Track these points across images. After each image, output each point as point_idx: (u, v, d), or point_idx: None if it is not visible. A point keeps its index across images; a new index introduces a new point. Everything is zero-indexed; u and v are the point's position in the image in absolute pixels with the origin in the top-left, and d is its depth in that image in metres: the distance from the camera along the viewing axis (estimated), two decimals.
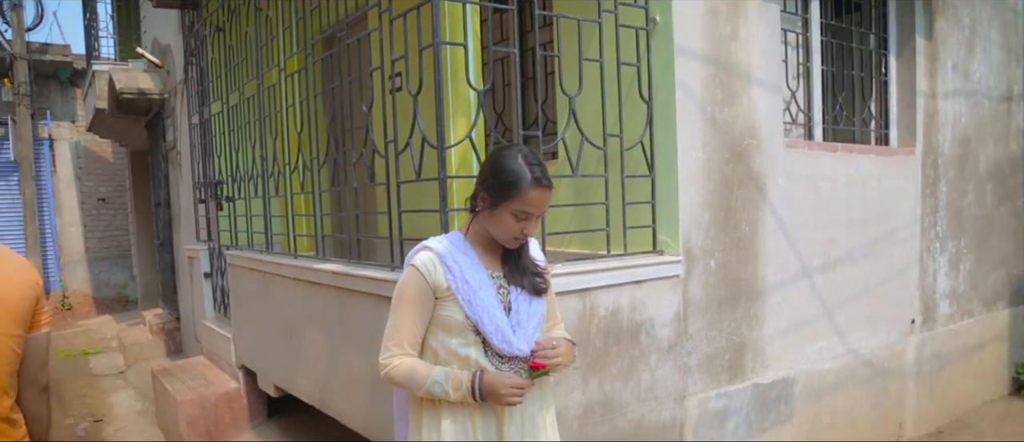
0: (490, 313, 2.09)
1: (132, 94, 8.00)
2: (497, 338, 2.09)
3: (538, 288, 2.20)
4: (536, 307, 2.18)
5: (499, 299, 2.13)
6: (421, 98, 2.97)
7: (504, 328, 2.10)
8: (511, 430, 2.15)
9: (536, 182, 2.04)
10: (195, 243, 6.61)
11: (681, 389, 3.33)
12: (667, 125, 3.23)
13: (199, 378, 5.65)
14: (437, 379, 2.07)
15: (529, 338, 2.13)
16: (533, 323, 2.15)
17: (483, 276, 2.13)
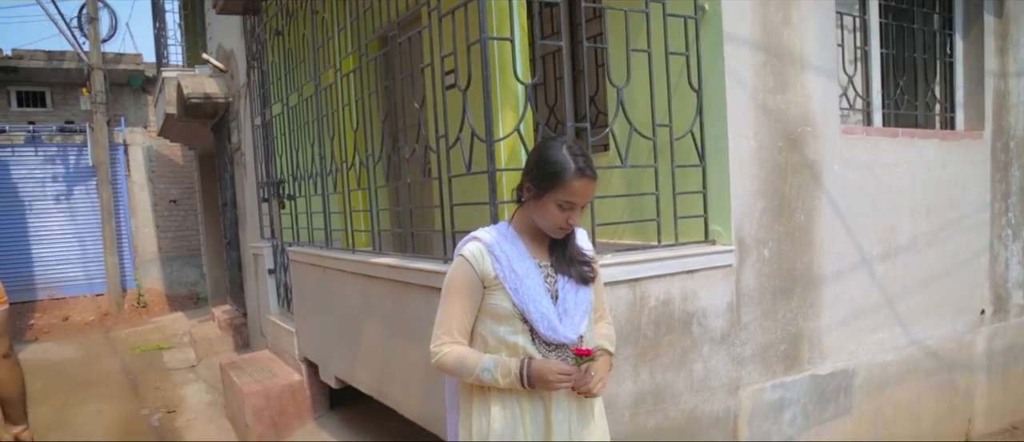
0: (536, 301, 2.13)
1: (198, 99, 8.28)
2: (543, 326, 2.12)
3: (585, 277, 2.22)
4: (583, 295, 2.20)
5: (546, 288, 2.17)
6: (470, 93, 3.02)
7: (550, 316, 2.13)
8: (558, 416, 2.18)
9: (580, 172, 2.06)
10: (259, 241, 6.81)
11: (735, 380, 3.30)
12: (717, 114, 3.21)
13: (264, 371, 5.83)
14: (486, 366, 2.12)
15: (576, 326, 2.16)
16: (580, 311, 2.18)
17: (530, 265, 2.17)
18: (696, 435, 3.22)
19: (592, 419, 2.26)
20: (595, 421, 2.28)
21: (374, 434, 4.89)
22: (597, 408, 2.30)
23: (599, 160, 3.81)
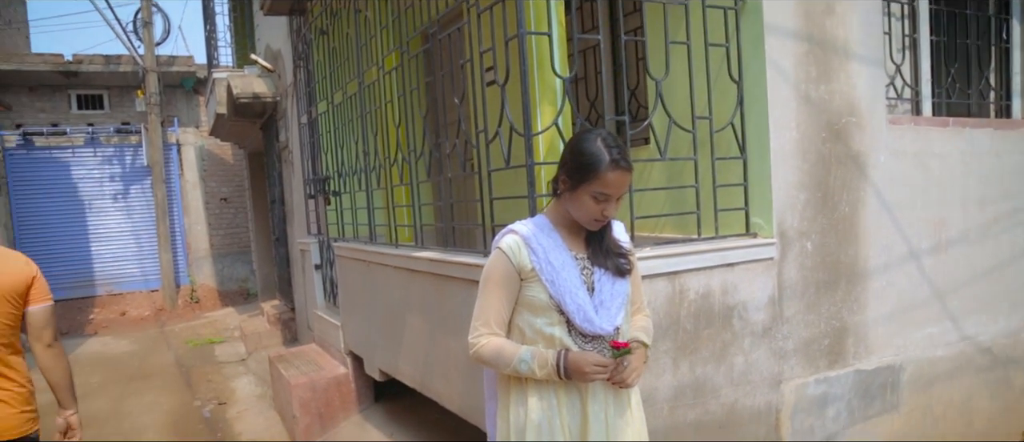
0: (572, 293, 2.14)
1: (248, 98, 8.46)
2: (579, 317, 2.14)
3: (621, 269, 2.22)
4: (620, 287, 2.21)
5: (582, 279, 2.18)
6: (508, 88, 3.05)
7: (586, 307, 2.14)
8: (595, 407, 2.20)
9: (614, 164, 2.06)
10: (306, 237, 6.94)
11: (777, 374, 3.26)
12: (758, 105, 3.18)
13: (311, 364, 5.95)
14: (523, 357, 2.14)
15: (612, 317, 2.17)
16: (616, 303, 2.19)
17: (566, 257, 2.18)
18: (737, 429, 3.20)
19: (628, 410, 2.27)
20: (632, 412, 2.28)
21: (417, 427, 4.95)
22: (634, 399, 2.31)
23: (639, 153, 3.82)
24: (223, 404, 7.03)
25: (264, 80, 8.59)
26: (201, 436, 6.06)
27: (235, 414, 6.66)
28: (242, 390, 7.53)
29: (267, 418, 6.36)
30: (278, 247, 10.18)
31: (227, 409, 6.85)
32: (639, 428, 2.31)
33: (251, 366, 8.51)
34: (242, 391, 7.48)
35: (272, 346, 8.77)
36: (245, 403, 6.99)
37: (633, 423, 2.28)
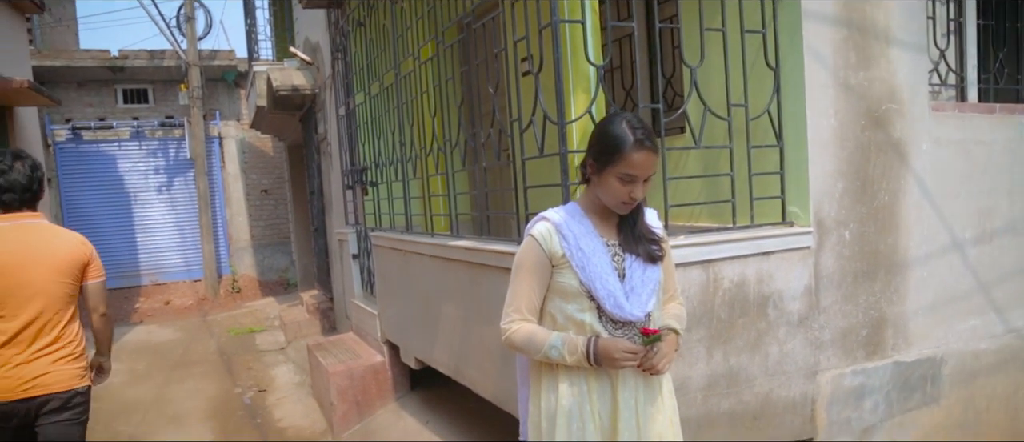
0: (603, 279, 2.14)
1: (287, 91, 8.58)
2: (610, 303, 2.14)
3: (653, 255, 2.22)
4: (651, 274, 2.20)
5: (613, 266, 2.18)
6: (542, 76, 3.05)
7: (617, 293, 2.14)
8: (625, 394, 2.20)
9: (638, 144, 2.07)
10: (344, 227, 7.03)
11: (813, 364, 3.23)
12: (795, 92, 3.14)
13: (348, 352, 6.03)
14: (554, 343, 2.15)
15: (643, 304, 2.17)
16: (647, 289, 2.19)
17: (597, 243, 2.19)
18: (771, 420, 3.17)
19: (660, 397, 2.27)
20: (663, 399, 2.28)
21: (452, 414, 5.00)
22: (665, 387, 2.31)
23: (673, 142, 3.79)
24: (263, 391, 7.16)
25: (303, 73, 8.71)
26: (242, 422, 6.18)
27: (274, 401, 6.79)
28: (281, 378, 7.66)
29: (305, 405, 6.47)
30: (317, 238, 10.31)
31: (267, 396, 6.98)
32: (670, 416, 2.31)
33: (290, 354, 8.65)
34: (281, 379, 7.61)
35: (311, 335, 8.90)
36: (284, 390, 7.12)
37: (664, 410, 2.28)
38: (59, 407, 3.14)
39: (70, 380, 3.18)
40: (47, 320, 3.13)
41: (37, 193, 3.25)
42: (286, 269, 15.19)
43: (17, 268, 3.08)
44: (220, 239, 14.79)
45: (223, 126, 14.76)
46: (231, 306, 13.38)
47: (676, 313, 2.36)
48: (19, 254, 3.10)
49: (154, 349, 9.69)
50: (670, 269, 2.37)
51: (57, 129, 13.66)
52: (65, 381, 3.15)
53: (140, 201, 14.51)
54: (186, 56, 13.55)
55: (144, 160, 14.48)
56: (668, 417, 2.29)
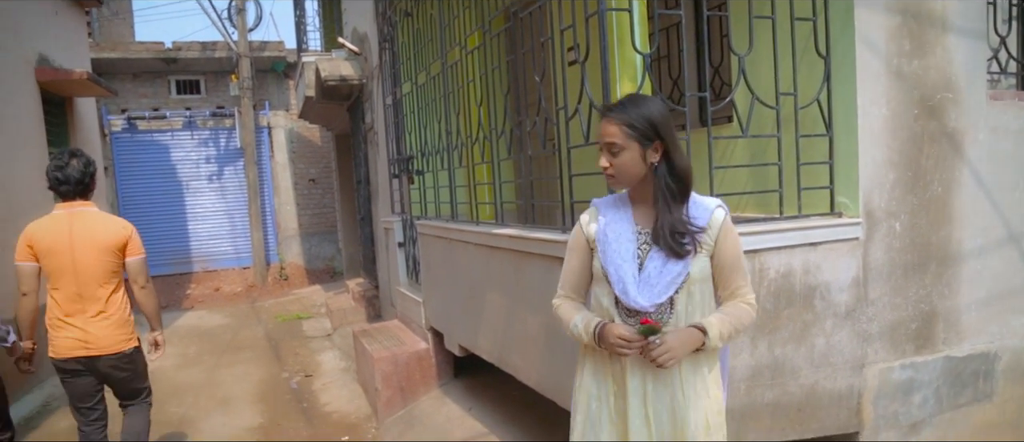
0: (616, 264, 2.19)
1: (335, 81, 8.71)
2: (618, 289, 2.19)
3: (674, 250, 2.15)
4: (671, 267, 2.15)
5: (637, 254, 2.20)
6: (588, 64, 3.06)
7: (626, 280, 2.17)
8: (633, 382, 2.23)
9: (602, 113, 2.20)
10: (390, 215, 7.11)
11: (860, 357, 3.19)
12: (846, 81, 3.09)
13: (393, 339, 6.12)
14: (576, 322, 2.28)
15: (655, 295, 2.15)
16: (664, 281, 2.15)
17: (627, 230, 2.23)
18: (816, 412, 3.14)
19: (675, 389, 2.21)
20: (681, 391, 2.21)
21: (495, 401, 5.04)
22: (687, 377, 2.22)
23: (721, 131, 3.77)
24: (309, 376, 7.30)
25: (351, 63, 8.82)
26: (289, 406, 6.31)
27: (320, 386, 6.92)
28: (327, 363, 7.80)
29: (351, 391, 6.58)
30: (363, 226, 10.45)
31: (313, 381, 7.11)
32: (696, 410, 2.22)
33: (336, 341, 8.80)
34: (327, 365, 7.75)
35: (356, 322, 9.03)
36: (330, 376, 7.25)
37: (684, 404, 2.21)
38: (113, 365, 3.85)
39: (118, 343, 3.84)
40: (93, 292, 3.78)
41: (89, 185, 3.88)
42: (332, 257, 15.42)
43: (67, 249, 3.74)
44: (268, 227, 15.07)
45: (272, 116, 15.02)
46: (279, 293, 13.63)
47: (729, 312, 2.23)
48: (69, 237, 3.75)
49: (204, 334, 9.93)
50: (729, 265, 2.24)
51: (113, 119, 14.06)
52: (113, 343, 3.83)
53: (192, 190, 14.86)
54: (237, 47, 13.81)
55: (196, 149, 14.81)
56: (690, 411, 2.21)
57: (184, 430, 5.76)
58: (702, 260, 2.19)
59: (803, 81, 3.15)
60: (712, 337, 2.15)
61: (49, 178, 3.82)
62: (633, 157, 2.14)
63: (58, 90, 8.81)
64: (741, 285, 2.26)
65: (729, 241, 2.23)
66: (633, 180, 2.19)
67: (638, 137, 2.12)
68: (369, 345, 5.96)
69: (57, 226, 3.78)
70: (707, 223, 2.20)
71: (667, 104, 3.12)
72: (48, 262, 3.76)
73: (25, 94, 7.98)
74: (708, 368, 2.25)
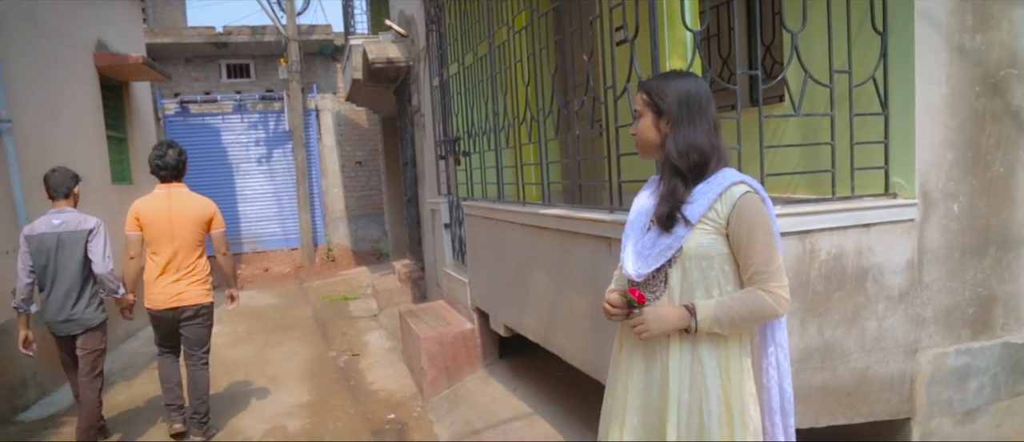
0: (627, 234, 2.33)
1: (382, 64, 8.78)
2: (622, 258, 2.31)
3: (663, 223, 2.18)
4: (662, 240, 2.18)
5: (645, 225, 2.28)
6: (637, 43, 3.04)
7: (626, 251, 2.30)
8: (627, 349, 2.36)
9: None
10: (437, 197, 7.17)
11: (913, 341, 3.12)
12: (904, 58, 3.01)
13: (439, 319, 6.18)
14: (610, 289, 2.41)
15: (639, 265, 2.24)
16: (653, 254, 2.20)
17: (648, 204, 2.31)
18: (867, 396, 3.09)
19: (661, 365, 2.24)
20: (667, 369, 2.22)
21: (539, 382, 5.07)
22: (675, 354, 2.21)
23: (772, 110, 3.71)
24: (356, 355, 7.42)
25: (398, 45, 8.88)
26: (336, 384, 6.43)
27: (367, 365, 7.03)
28: (374, 343, 7.92)
29: (396, 370, 6.68)
30: (409, 208, 10.55)
31: (360, 360, 7.23)
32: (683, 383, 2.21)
33: (382, 321, 8.92)
34: (374, 344, 7.87)
35: (402, 303, 9.14)
36: (376, 355, 7.36)
37: (666, 377, 2.22)
38: (193, 315, 4.85)
39: (199, 297, 4.86)
40: (184, 256, 4.78)
41: (181, 170, 4.85)
42: (379, 239, 15.61)
43: (164, 220, 4.73)
44: (316, 209, 15.30)
45: (320, 99, 15.22)
46: (326, 274, 13.86)
47: (734, 298, 2.13)
48: (168, 211, 4.75)
49: (254, 313, 10.16)
50: (743, 246, 2.12)
51: (167, 103, 14.39)
52: (196, 297, 4.84)
53: (241, 172, 15.15)
54: (285, 31, 14.00)
55: (245, 132, 15.09)
56: (682, 392, 2.20)
57: (236, 405, 5.92)
58: (703, 237, 2.13)
59: (858, 58, 3.08)
60: (701, 319, 2.11)
61: (151, 164, 4.77)
62: (647, 124, 2.22)
63: (115, 75, 9.06)
64: (761, 271, 2.11)
65: (743, 221, 2.10)
66: (650, 147, 2.25)
67: (652, 105, 2.20)
68: (415, 325, 6.04)
69: (158, 203, 4.76)
70: (717, 198, 2.13)
71: (717, 82, 3.09)
72: (149, 231, 4.74)
73: (84, 78, 8.22)
74: (730, 352, 2.19)
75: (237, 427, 5.40)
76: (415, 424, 5.27)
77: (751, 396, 2.21)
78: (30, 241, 4.58)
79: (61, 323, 4.60)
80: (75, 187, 4.74)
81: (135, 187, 9.53)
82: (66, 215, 4.62)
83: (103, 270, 4.60)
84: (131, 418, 5.72)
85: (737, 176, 2.15)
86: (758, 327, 2.27)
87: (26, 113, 6.62)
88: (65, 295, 4.57)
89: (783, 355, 2.29)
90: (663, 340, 2.22)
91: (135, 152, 9.79)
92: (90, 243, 4.61)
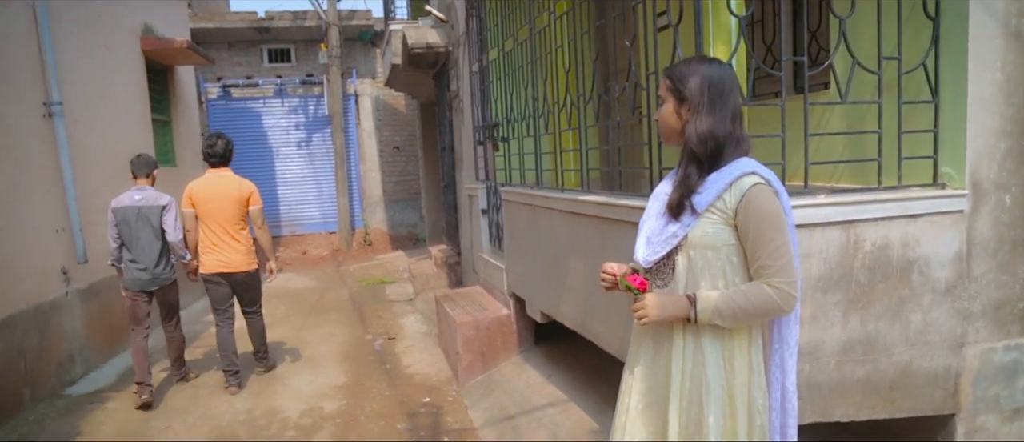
0: (643, 221, 2.33)
1: (421, 49, 8.81)
2: (636, 244, 2.31)
3: (673, 210, 2.18)
4: (670, 228, 2.18)
5: (661, 211, 2.26)
6: (681, 28, 3.00)
7: (639, 236, 2.31)
8: (636, 332, 2.38)
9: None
10: (474, 182, 7.18)
11: (959, 336, 3.05)
12: (957, 44, 2.92)
13: (475, 305, 6.21)
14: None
15: (649, 253, 2.24)
16: (660, 241, 2.21)
17: (665, 189, 2.30)
18: (910, 391, 3.04)
19: (666, 354, 2.25)
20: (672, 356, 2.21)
21: (574, 369, 5.07)
22: (679, 343, 2.20)
23: (817, 97, 3.64)
24: (392, 339, 7.49)
25: (437, 31, 8.90)
26: (372, 367, 6.50)
27: (403, 348, 7.09)
28: (409, 327, 7.99)
29: (432, 354, 6.73)
30: (446, 193, 10.59)
31: (396, 344, 7.30)
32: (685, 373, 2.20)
33: (418, 306, 8.99)
34: (409, 328, 7.94)
35: (438, 288, 9.20)
36: (412, 339, 7.42)
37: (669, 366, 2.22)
38: (240, 280, 5.85)
39: (245, 264, 5.81)
40: (228, 229, 5.70)
41: (228, 157, 5.82)
42: (415, 224, 15.72)
43: (212, 199, 5.68)
44: (354, 193, 15.45)
45: (359, 84, 15.33)
46: (363, 258, 14.00)
47: (738, 292, 2.09)
48: (214, 191, 5.70)
49: (292, 295, 10.31)
50: (750, 238, 2.09)
51: (209, 87, 14.62)
52: (241, 264, 5.79)
53: (282, 156, 15.35)
54: (326, 16, 14.11)
55: (286, 117, 15.27)
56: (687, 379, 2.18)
57: (273, 386, 6.02)
58: (709, 226, 2.11)
59: (908, 44, 3.01)
60: (701, 309, 2.09)
61: (203, 152, 5.77)
62: (669, 110, 2.21)
63: (160, 59, 9.22)
64: (766, 265, 2.07)
65: (751, 211, 2.06)
66: (672, 133, 2.23)
67: (675, 91, 2.18)
68: (451, 310, 6.07)
69: (208, 184, 5.73)
70: (726, 188, 2.09)
71: (762, 69, 3.05)
72: (201, 208, 5.69)
73: (131, 62, 8.38)
74: (736, 345, 2.17)
75: (275, 406, 5.50)
76: (450, 408, 5.31)
77: (760, 391, 2.18)
78: (116, 213, 5.54)
79: (145, 280, 5.57)
80: (154, 170, 5.75)
81: (178, 169, 9.70)
82: (145, 192, 5.62)
83: (174, 239, 5.64)
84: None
85: (750, 166, 2.11)
86: (767, 323, 2.23)
87: (76, 96, 6.78)
88: (146, 258, 5.57)
89: (788, 353, 2.24)
90: (668, 329, 2.22)
91: (179, 135, 9.97)
92: (164, 217, 5.60)
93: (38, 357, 5.80)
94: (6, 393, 5.33)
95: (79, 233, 6.48)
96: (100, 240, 6.62)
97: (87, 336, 6.65)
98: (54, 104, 6.25)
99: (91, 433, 5.13)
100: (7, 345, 5.40)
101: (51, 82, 6.23)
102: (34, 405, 5.66)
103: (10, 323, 5.46)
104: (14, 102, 5.79)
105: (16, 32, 5.89)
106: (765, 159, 2.24)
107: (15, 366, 5.48)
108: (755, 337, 2.19)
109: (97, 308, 6.88)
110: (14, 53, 5.83)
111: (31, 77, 6.07)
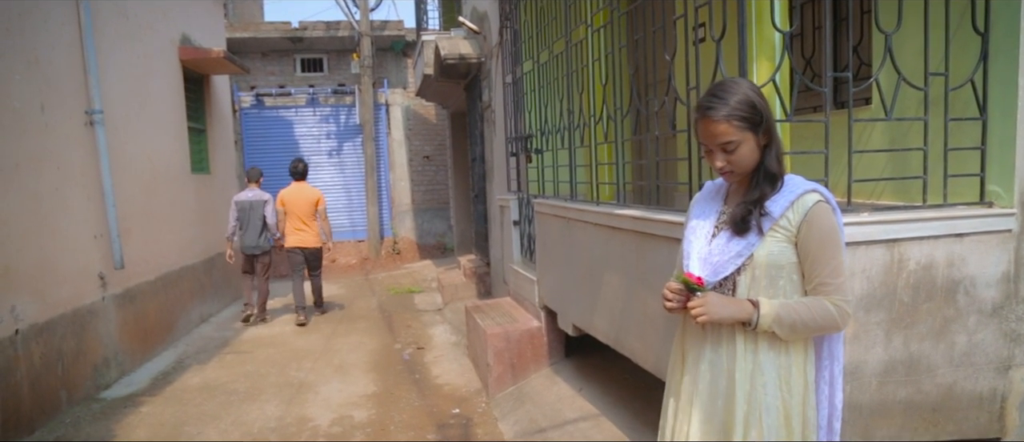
0: (689, 241, 2.28)
1: (454, 60, 8.85)
2: (686, 263, 2.24)
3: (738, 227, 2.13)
4: (734, 245, 2.13)
5: (711, 232, 2.22)
6: (724, 43, 2.98)
7: (690, 253, 2.24)
8: (686, 339, 2.34)
9: (696, 111, 2.10)
10: (506, 194, 7.19)
11: (1006, 358, 2.99)
12: (1007, 59, 2.87)
13: (506, 316, 6.20)
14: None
15: (712, 272, 2.16)
16: (724, 260, 2.14)
17: (710, 208, 2.29)
18: (953, 414, 2.97)
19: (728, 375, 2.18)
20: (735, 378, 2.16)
21: (606, 383, 5.03)
22: (728, 349, 2.17)
23: (859, 113, 3.60)
24: (421, 349, 7.50)
25: (470, 42, 8.93)
26: (401, 376, 6.51)
27: (432, 358, 7.10)
28: (438, 337, 7.99)
29: (461, 365, 6.73)
30: (476, 204, 10.61)
31: (425, 353, 7.31)
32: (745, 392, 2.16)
33: (447, 316, 9.00)
34: (438, 338, 7.94)
35: (467, 298, 9.21)
36: (441, 349, 7.43)
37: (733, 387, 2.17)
38: (311, 252, 9.01)
39: (313, 242, 8.96)
40: (304, 219, 8.85)
41: (305, 174, 9.00)
42: (444, 234, 15.76)
43: (295, 201, 8.80)
44: (384, 202, 15.54)
45: (390, 94, 15.44)
46: (391, 267, 14.06)
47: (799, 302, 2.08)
48: (296, 196, 8.83)
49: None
50: (811, 255, 2.08)
51: (243, 96, 14.80)
52: (311, 242, 8.94)
53: (312, 164, 15.44)
54: (359, 27, 14.23)
55: (317, 125, 15.40)
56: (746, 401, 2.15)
57: (303, 394, 6.05)
58: (774, 245, 2.09)
59: (955, 60, 2.96)
60: (763, 314, 2.05)
61: (290, 171, 8.98)
62: (750, 147, 2.08)
63: (197, 68, 9.37)
64: (826, 282, 2.06)
65: (814, 229, 2.05)
66: (751, 169, 2.12)
67: (750, 126, 2.05)
68: (482, 321, 6.07)
69: (292, 191, 8.84)
70: (788, 206, 2.08)
71: (805, 84, 3.02)
72: (288, 207, 8.78)
73: (169, 72, 8.52)
74: (793, 362, 2.14)
75: (305, 415, 5.53)
76: (479, 420, 5.30)
77: (812, 409, 2.17)
78: (238, 204, 8.70)
79: (251, 247, 8.75)
80: (259, 178, 8.97)
81: (212, 177, 9.83)
82: (254, 192, 8.82)
83: (271, 222, 8.76)
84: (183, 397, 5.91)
85: (808, 184, 2.11)
86: (817, 338, 2.20)
87: (116, 104, 6.91)
88: (254, 233, 8.73)
89: (838, 369, 2.23)
90: (729, 344, 2.17)
91: (213, 144, 10.10)
92: (266, 208, 8.75)
93: (75, 360, 5.89)
94: (44, 396, 5.42)
95: (117, 239, 6.59)
96: (135, 247, 6.73)
97: (122, 340, 6.75)
98: (96, 112, 6.36)
99: (125, 436, 5.20)
100: (46, 348, 5.49)
101: (93, 91, 6.35)
102: (70, 408, 5.75)
103: (49, 327, 5.55)
104: (58, 110, 5.90)
105: (61, 41, 6.02)
106: (806, 176, 2.22)
107: (53, 369, 5.57)
108: (810, 353, 2.18)
109: (132, 313, 6.99)
110: (58, 62, 5.96)
111: (74, 86, 6.19)
